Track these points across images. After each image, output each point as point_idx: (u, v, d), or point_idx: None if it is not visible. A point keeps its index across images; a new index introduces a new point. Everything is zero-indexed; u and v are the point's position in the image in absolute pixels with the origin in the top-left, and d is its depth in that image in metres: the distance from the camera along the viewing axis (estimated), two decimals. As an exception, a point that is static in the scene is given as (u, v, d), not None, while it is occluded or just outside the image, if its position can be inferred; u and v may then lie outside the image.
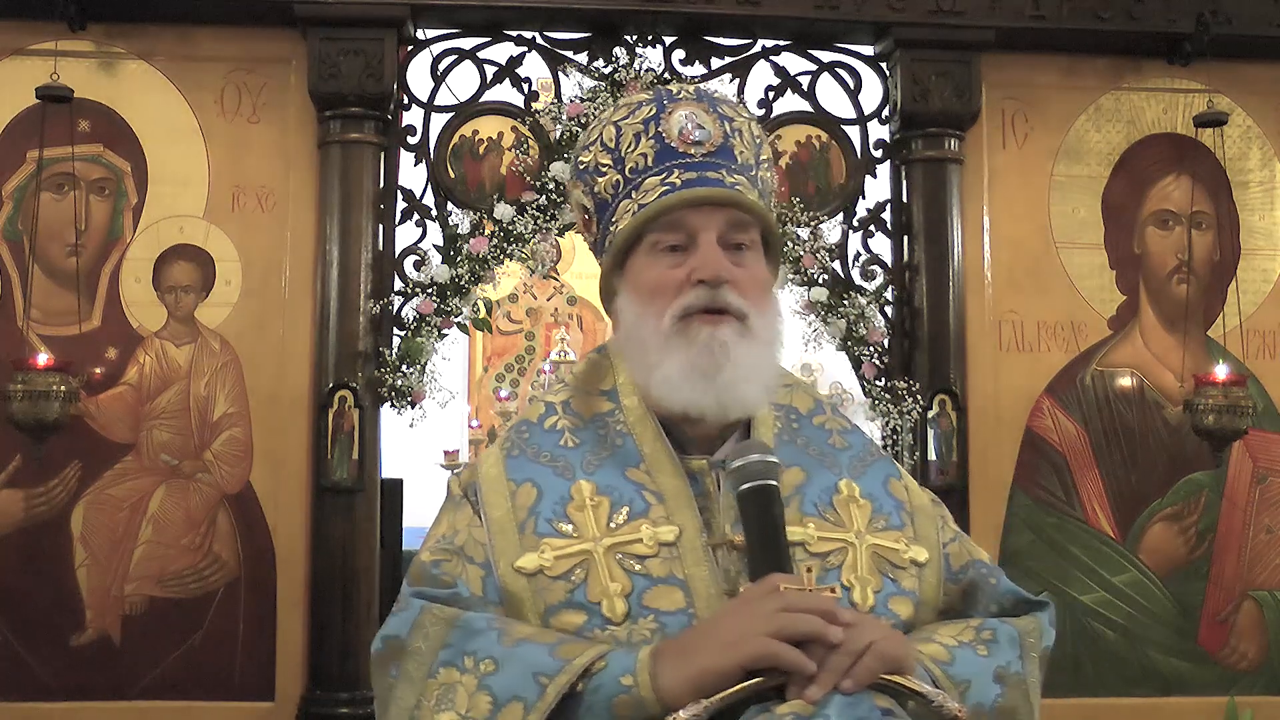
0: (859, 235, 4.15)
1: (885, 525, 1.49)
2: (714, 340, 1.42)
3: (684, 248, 1.46)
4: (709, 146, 1.49)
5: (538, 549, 1.40)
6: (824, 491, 1.49)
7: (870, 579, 1.43)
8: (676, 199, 1.46)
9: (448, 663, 1.34)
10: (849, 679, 1.24)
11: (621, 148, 1.51)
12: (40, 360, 3.61)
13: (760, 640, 1.24)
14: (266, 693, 3.79)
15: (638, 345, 1.48)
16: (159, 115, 3.95)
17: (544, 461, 1.48)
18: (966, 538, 1.61)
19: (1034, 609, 1.54)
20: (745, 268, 1.47)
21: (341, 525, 3.81)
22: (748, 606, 1.28)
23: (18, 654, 3.74)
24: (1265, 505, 4.15)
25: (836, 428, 1.59)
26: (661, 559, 1.39)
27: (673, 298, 1.45)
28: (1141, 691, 4.02)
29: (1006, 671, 1.42)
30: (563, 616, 1.37)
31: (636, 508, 1.42)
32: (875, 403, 3.98)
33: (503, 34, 4.09)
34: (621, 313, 1.52)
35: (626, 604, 1.36)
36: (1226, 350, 4.16)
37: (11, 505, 3.79)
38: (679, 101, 1.52)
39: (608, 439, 1.50)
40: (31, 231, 3.85)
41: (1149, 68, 4.21)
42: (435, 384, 3.89)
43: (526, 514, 1.43)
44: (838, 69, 4.19)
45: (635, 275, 1.50)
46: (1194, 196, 4.18)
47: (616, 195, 1.52)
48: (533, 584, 1.39)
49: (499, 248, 3.91)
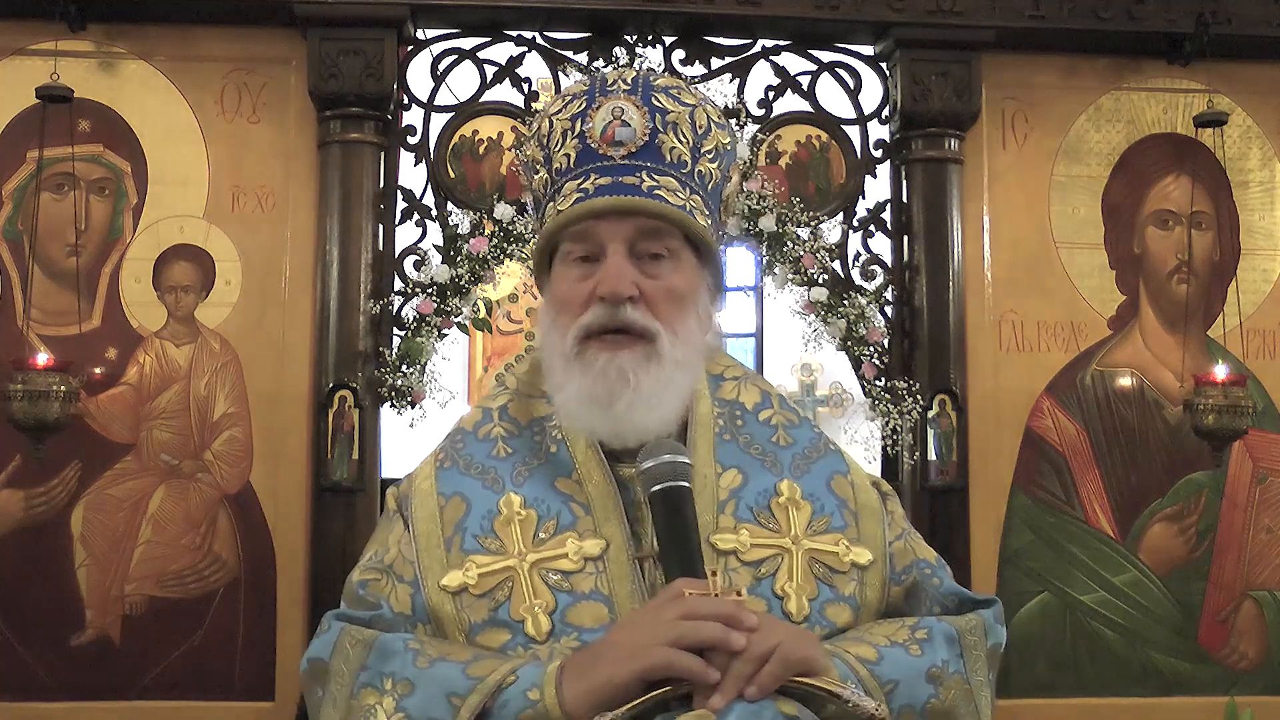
0: (859, 235, 4.14)
1: (826, 527, 1.44)
2: (611, 367, 1.38)
3: (596, 258, 1.41)
4: (630, 147, 1.42)
5: (463, 566, 1.38)
6: (761, 494, 1.44)
7: (806, 586, 1.39)
8: (583, 209, 1.40)
9: (366, 684, 1.32)
10: (753, 685, 1.21)
11: (550, 145, 1.46)
12: (40, 360, 3.61)
13: (659, 650, 1.22)
14: (266, 693, 3.79)
15: (548, 360, 1.46)
16: (159, 115, 3.95)
17: (474, 474, 1.45)
18: (915, 535, 1.56)
19: (979, 608, 1.50)
20: (660, 279, 1.41)
21: (341, 525, 3.80)
22: (649, 615, 1.26)
23: (18, 654, 3.74)
24: (1265, 505, 4.15)
25: (783, 423, 1.54)
26: (586, 574, 1.36)
27: (577, 314, 1.40)
28: (1141, 691, 4.02)
29: (943, 671, 1.38)
30: (486, 635, 1.35)
31: (564, 520, 1.39)
32: (875, 403, 3.98)
33: (502, 34, 4.09)
34: (540, 320, 1.48)
35: (550, 621, 1.33)
36: (1226, 350, 4.16)
37: (11, 505, 3.79)
38: (610, 94, 1.44)
39: (542, 446, 1.46)
40: (31, 231, 3.85)
41: (1149, 68, 4.21)
42: (435, 384, 3.89)
43: (454, 530, 1.41)
44: (838, 69, 4.19)
45: (553, 284, 1.46)
46: (1194, 196, 4.18)
47: (545, 195, 1.48)
48: (457, 602, 1.37)
49: (499, 248, 3.91)
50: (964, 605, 1.51)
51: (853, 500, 1.50)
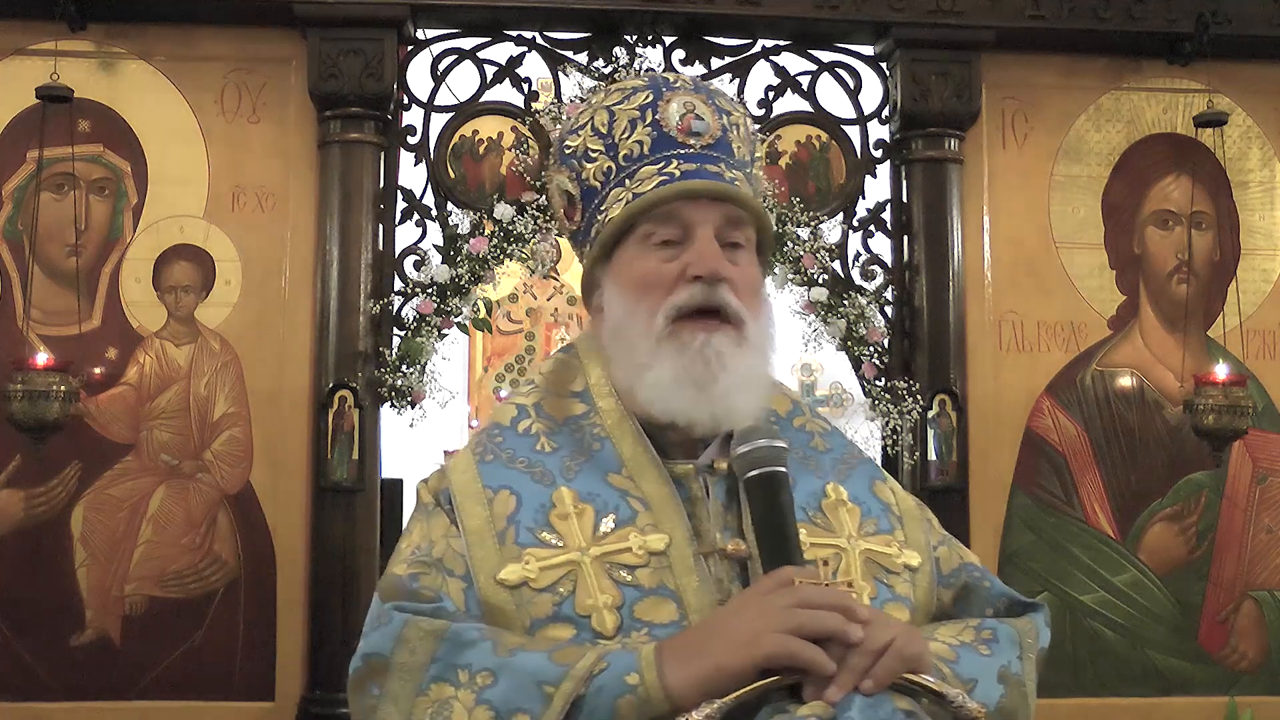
0: (859, 235, 4.14)
1: (875, 529, 1.44)
2: (708, 348, 1.35)
3: (678, 242, 1.39)
4: (707, 139, 1.43)
5: (520, 560, 1.32)
6: (812, 496, 1.42)
7: (865, 585, 1.37)
8: (674, 190, 1.39)
9: (438, 677, 1.25)
10: (869, 679, 1.19)
11: (615, 133, 1.43)
12: (40, 360, 3.61)
13: (778, 638, 1.18)
14: (266, 693, 3.79)
15: (625, 344, 1.41)
16: (159, 115, 3.94)
17: (520, 467, 1.39)
18: (954, 540, 1.57)
19: (1028, 610, 1.50)
20: (740, 267, 1.40)
21: (341, 525, 3.80)
22: (761, 601, 1.22)
23: (18, 654, 3.74)
24: (1265, 505, 4.15)
25: (817, 429, 1.53)
26: (651, 569, 1.31)
27: (665, 295, 1.37)
28: (1141, 691, 4.02)
29: (1008, 671, 1.37)
30: (550, 631, 1.29)
31: (623, 515, 1.35)
32: (875, 403, 3.98)
33: (503, 34, 4.09)
34: (608, 306, 1.44)
35: (617, 616, 1.29)
36: (1226, 350, 4.15)
37: (11, 505, 3.79)
38: (676, 90, 1.44)
39: (584, 443, 1.41)
40: (31, 231, 3.85)
41: (1149, 68, 4.21)
42: (435, 384, 3.89)
43: (506, 523, 1.35)
44: (838, 69, 4.19)
45: (624, 268, 1.42)
46: (1194, 196, 4.18)
47: (607, 183, 1.44)
48: (516, 597, 1.31)
49: (499, 248, 3.91)
50: (1013, 607, 1.51)
51: (895, 505, 1.50)
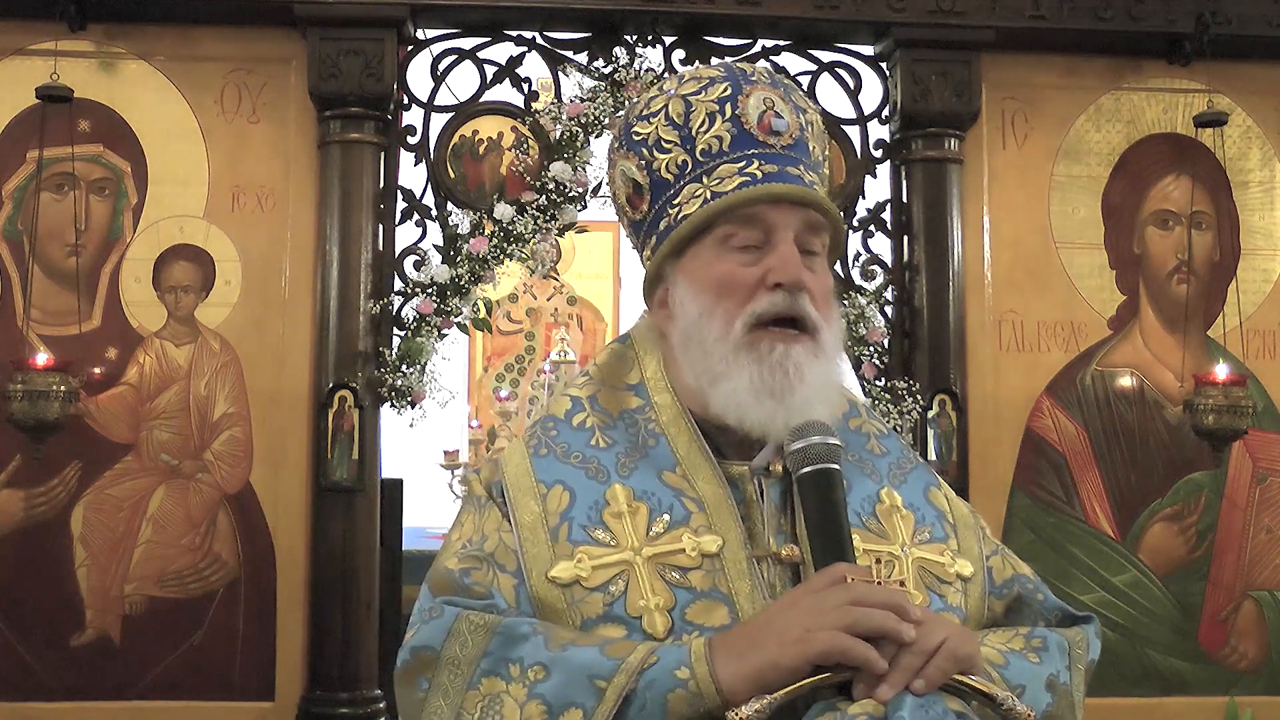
0: (859, 235, 4.14)
1: (929, 538, 1.42)
2: (788, 360, 1.34)
3: (758, 247, 1.36)
4: (788, 138, 1.39)
5: (573, 558, 1.31)
6: (866, 501, 1.41)
7: (917, 594, 1.35)
8: (758, 192, 1.35)
9: (490, 672, 1.25)
10: (921, 679, 1.18)
11: (692, 125, 1.39)
12: (40, 360, 3.61)
13: (831, 635, 1.18)
14: (266, 693, 3.79)
15: (698, 347, 1.38)
16: (159, 115, 3.94)
17: (574, 462, 1.38)
18: (1007, 550, 1.55)
19: (1079, 623, 1.50)
20: (818, 275, 1.38)
21: (341, 525, 3.80)
22: (813, 598, 1.21)
23: (18, 654, 3.74)
24: (1265, 505, 4.15)
25: (874, 432, 1.50)
26: (704, 571, 1.30)
27: (745, 300, 1.35)
28: (1141, 691, 4.02)
29: (1056, 680, 1.37)
30: (600, 631, 1.28)
31: (677, 515, 1.33)
32: (875, 403, 3.97)
33: (503, 34, 4.09)
34: (680, 305, 1.40)
35: (669, 619, 1.28)
36: (1226, 350, 4.15)
37: (11, 505, 3.79)
38: (755, 84, 1.41)
39: (639, 438, 1.40)
40: (31, 231, 3.85)
41: (1149, 68, 4.21)
42: (435, 384, 3.89)
43: (559, 519, 1.34)
44: (838, 69, 4.19)
45: (699, 268, 1.39)
46: (1194, 196, 4.18)
47: (681, 177, 1.40)
48: (568, 595, 1.30)
49: (499, 248, 3.91)
50: (1065, 620, 1.50)
51: (949, 513, 1.48)
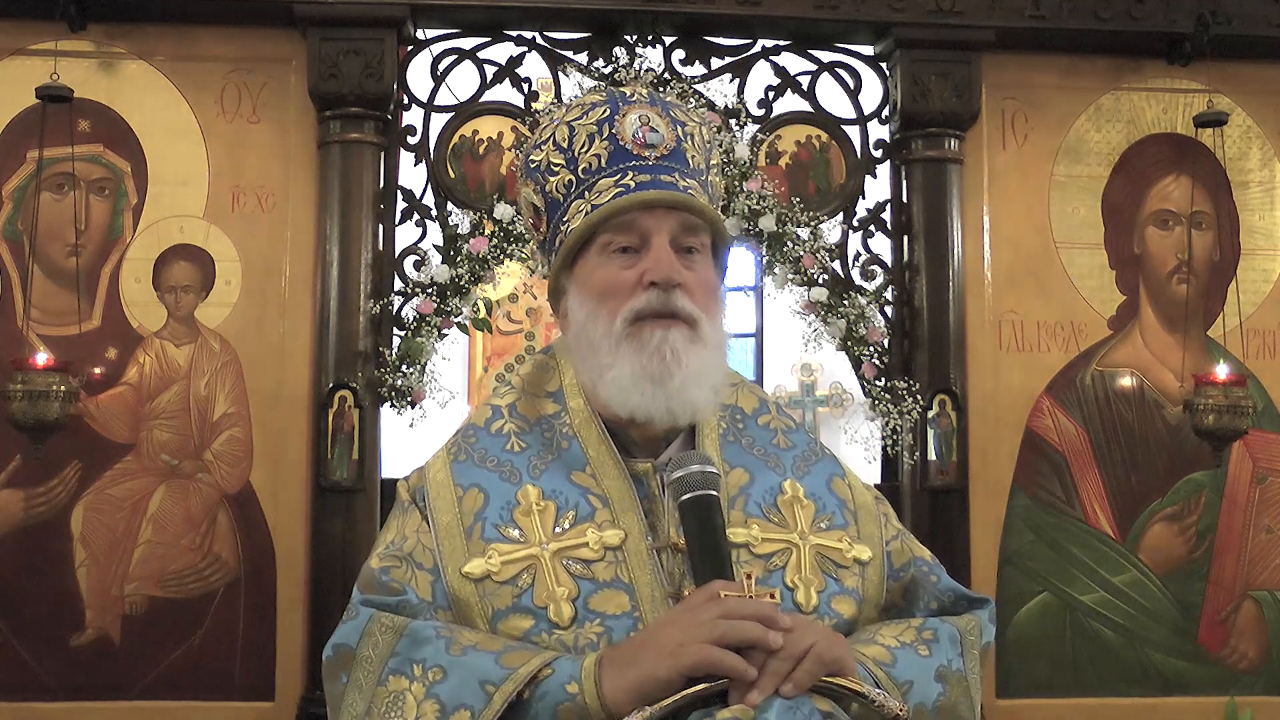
0: (859, 235, 4.14)
1: (829, 525, 1.52)
2: (665, 344, 1.44)
3: (636, 249, 1.48)
4: (662, 150, 1.51)
5: (485, 554, 1.42)
6: (768, 492, 1.51)
7: (814, 579, 1.46)
8: (630, 200, 1.47)
9: (396, 671, 1.36)
10: (789, 683, 1.27)
11: (575, 148, 1.52)
12: (40, 360, 3.61)
13: (701, 648, 1.26)
14: (266, 693, 3.79)
15: (588, 346, 1.50)
16: (159, 115, 3.95)
17: (490, 466, 1.50)
18: (909, 535, 1.65)
19: (974, 606, 1.59)
20: (695, 271, 1.49)
21: (341, 525, 3.81)
22: (688, 614, 1.30)
23: (18, 654, 3.74)
24: (1265, 505, 4.15)
25: (781, 427, 1.61)
26: (607, 563, 1.41)
27: (625, 299, 1.46)
28: (1141, 691, 4.02)
29: (948, 670, 1.46)
30: (510, 621, 1.39)
31: (582, 511, 1.45)
32: (875, 403, 3.98)
33: (503, 34, 4.10)
34: (572, 312, 1.53)
35: (573, 608, 1.38)
36: (1226, 350, 4.16)
37: (11, 505, 3.79)
38: (632, 104, 1.53)
39: (554, 441, 1.52)
40: (31, 231, 3.85)
41: (1149, 68, 4.21)
42: (435, 384, 3.89)
43: (473, 519, 1.46)
44: (838, 69, 4.19)
45: (586, 275, 1.51)
46: (1194, 196, 4.18)
47: (568, 195, 1.53)
48: (480, 589, 1.41)
49: (499, 248, 3.91)
50: (959, 601, 1.59)
51: (851, 501, 1.57)
